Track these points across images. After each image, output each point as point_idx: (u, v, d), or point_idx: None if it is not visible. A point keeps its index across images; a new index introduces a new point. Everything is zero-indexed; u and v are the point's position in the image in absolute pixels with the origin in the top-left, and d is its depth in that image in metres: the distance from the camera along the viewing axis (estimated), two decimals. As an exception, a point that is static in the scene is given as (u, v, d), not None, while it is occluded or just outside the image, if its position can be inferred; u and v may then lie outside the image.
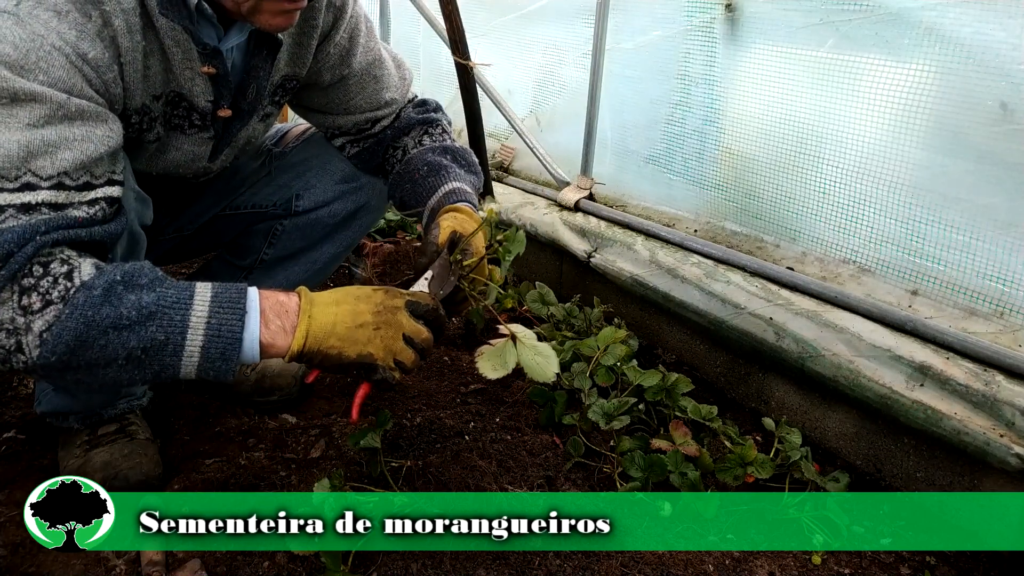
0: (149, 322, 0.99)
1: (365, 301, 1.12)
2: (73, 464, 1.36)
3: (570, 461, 1.47)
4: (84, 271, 0.98)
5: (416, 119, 1.53)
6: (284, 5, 1.12)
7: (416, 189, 1.44)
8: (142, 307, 0.99)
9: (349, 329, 1.10)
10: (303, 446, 1.52)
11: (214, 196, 1.59)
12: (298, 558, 1.18)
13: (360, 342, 1.10)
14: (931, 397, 1.36)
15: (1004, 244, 1.36)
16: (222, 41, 1.20)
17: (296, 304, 1.09)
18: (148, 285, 1.01)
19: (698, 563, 1.24)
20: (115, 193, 1.07)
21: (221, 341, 1.03)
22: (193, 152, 1.34)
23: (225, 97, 1.27)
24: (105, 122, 1.05)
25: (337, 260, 1.70)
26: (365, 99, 1.48)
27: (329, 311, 1.10)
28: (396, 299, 1.14)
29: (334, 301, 1.11)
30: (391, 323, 1.12)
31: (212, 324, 1.02)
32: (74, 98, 1.00)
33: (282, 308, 1.08)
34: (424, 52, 3.20)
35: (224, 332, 1.03)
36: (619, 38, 2.11)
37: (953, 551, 1.35)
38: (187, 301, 1.02)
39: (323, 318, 1.09)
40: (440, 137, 1.53)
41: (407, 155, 1.51)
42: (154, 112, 1.21)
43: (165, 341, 1.00)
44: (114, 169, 1.08)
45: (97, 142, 1.03)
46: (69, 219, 1.00)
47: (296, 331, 1.07)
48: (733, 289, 1.74)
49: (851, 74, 1.56)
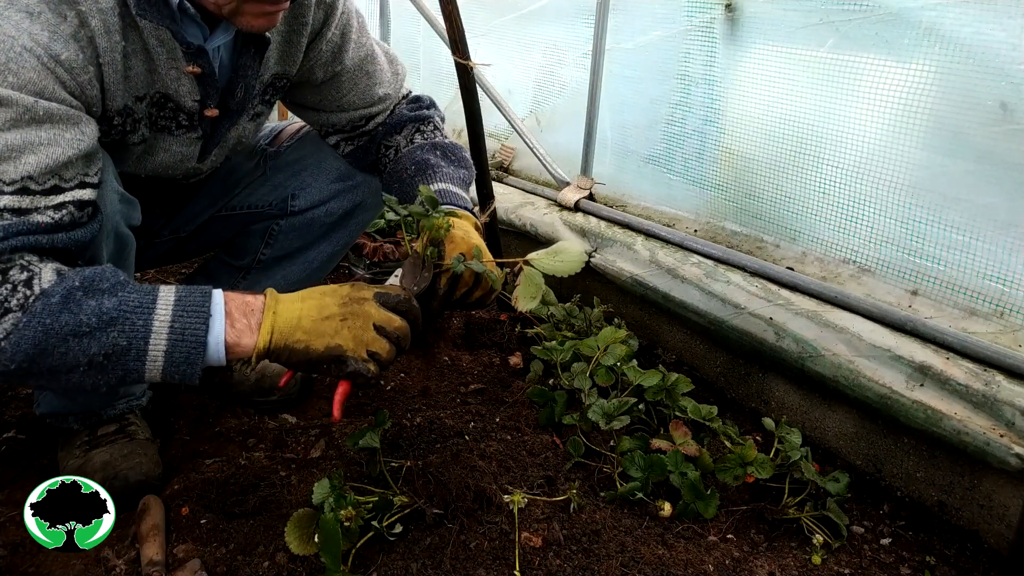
0: (110, 328, 0.98)
1: (331, 295, 1.12)
2: (73, 464, 1.36)
3: (570, 461, 1.47)
4: (44, 278, 0.97)
5: (408, 116, 1.52)
6: (266, 7, 1.11)
7: (404, 189, 1.43)
8: (103, 313, 0.98)
9: (315, 322, 1.09)
10: (303, 446, 1.52)
11: (210, 197, 1.59)
12: (298, 558, 1.18)
13: (327, 334, 1.08)
14: (931, 397, 1.36)
15: (1004, 244, 1.36)
16: (208, 40, 1.19)
17: (261, 302, 1.09)
18: (109, 290, 1.00)
19: (698, 563, 1.24)
20: (86, 196, 1.05)
21: (185, 345, 1.02)
22: (181, 153, 1.33)
23: (212, 97, 1.26)
24: (76, 125, 1.04)
25: (335, 259, 1.70)
26: (358, 95, 1.48)
27: (294, 306, 1.10)
28: (363, 291, 1.13)
29: (299, 297, 1.11)
30: (359, 314, 1.11)
31: (176, 328, 1.02)
32: (43, 101, 0.99)
33: (247, 307, 1.08)
34: (424, 52, 3.20)
35: (188, 336, 1.02)
36: (619, 38, 2.11)
37: (953, 551, 1.35)
38: (150, 305, 1.01)
39: (288, 313, 1.09)
40: (431, 134, 1.52)
41: (399, 154, 1.50)
42: (138, 114, 1.20)
43: (127, 346, 0.99)
44: (87, 172, 1.06)
45: (65, 145, 1.01)
46: (32, 224, 0.99)
47: (261, 328, 1.06)
48: (733, 289, 1.74)
49: (851, 74, 1.56)
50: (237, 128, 1.39)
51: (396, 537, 1.23)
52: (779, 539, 1.34)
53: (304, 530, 1.18)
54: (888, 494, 1.50)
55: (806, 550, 1.31)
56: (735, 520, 1.36)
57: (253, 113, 1.41)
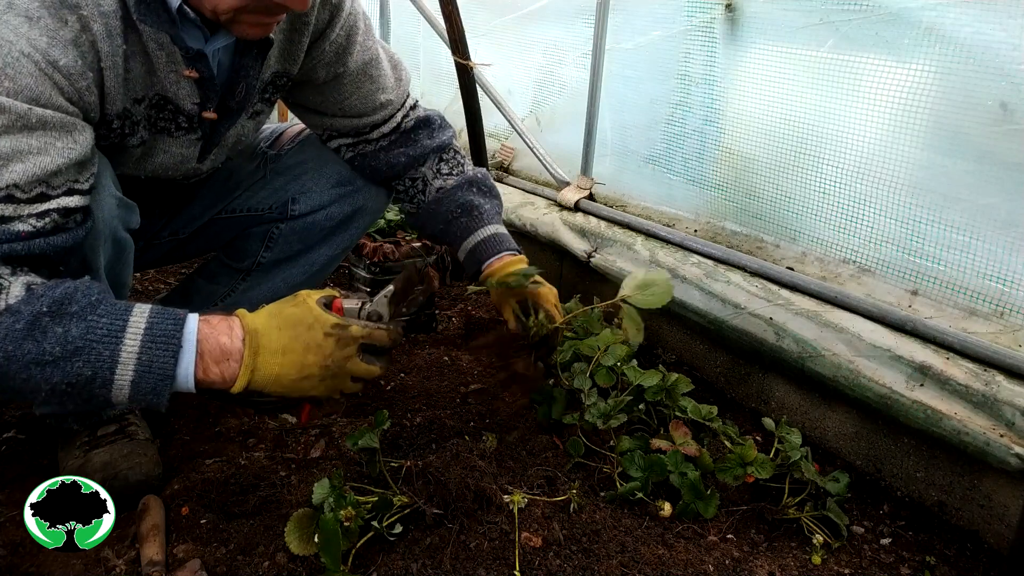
0: (75, 358, 0.97)
1: (315, 352, 1.10)
2: (73, 465, 1.36)
3: (570, 461, 1.47)
4: (13, 293, 0.96)
5: (430, 146, 1.57)
6: (262, 18, 1.11)
7: (451, 230, 1.55)
8: (68, 342, 0.96)
9: (294, 381, 1.09)
10: (303, 446, 1.52)
11: (209, 199, 1.58)
12: (298, 558, 1.18)
13: (304, 390, 1.11)
14: (931, 397, 1.36)
15: (1004, 244, 1.36)
16: (208, 43, 1.18)
17: (239, 351, 1.06)
18: (78, 314, 0.98)
19: (698, 563, 1.24)
20: (72, 203, 1.04)
21: (152, 377, 1.01)
22: (181, 154, 1.33)
23: (211, 100, 1.25)
24: (70, 132, 1.03)
25: (335, 261, 1.70)
26: (360, 99, 1.47)
27: (274, 362, 1.08)
28: (348, 348, 1.12)
29: (281, 349, 1.08)
30: (339, 373, 1.12)
31: (143, 360, 1.00)
32: (37, 108, 0.98)
33: (223, 354, 1.06)
34: (424, 52, 3.20)
35: (156, 368, 1.01)
36: (619, 38, 2.11)
37: (953, 551, 1.35)
38: (118, 334, 0.99)
39: (267, 369, 1.07)
40: (457, 164, 1.59)
41: (428, 186, 1.57)
42: (136, 116, 1.20)
43: (92, 376, 0.98)
44: (77, 178, 1.05)
45: (55, 154, 1.00)
46: (10, 233, 0.98)
47: (237, 380, 1.06)
48: (733, 289, 1.74)
49: (851, 74, 1.55)
50: (236, 127, 1.39)
51: (396, 537, 1.22)
52: (779, 539, 1.34)
53: (304, 530, 1.18)
54: (888, 494, 1.50)
55: (806, 550, 1.31)
56: (735, 520, 1.36)
57: (253, 111, 1.40)
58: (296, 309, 1.12)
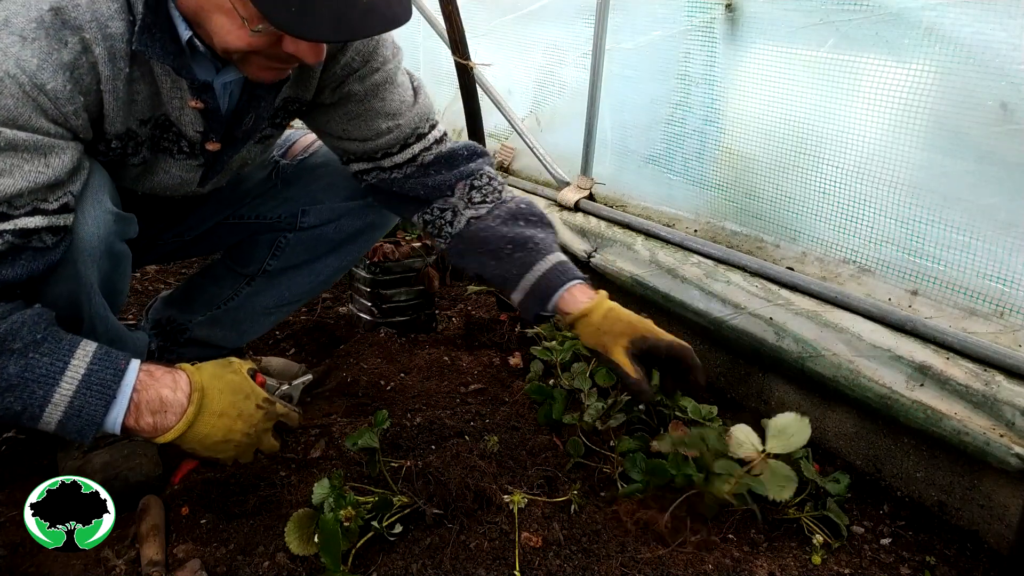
0: (7, 393, 1.00)
1: (245, 420, 1.19)
2: (72, 465, 1.36)
3: (570, 461, 1.47)
4: None
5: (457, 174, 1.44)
6: (274, 64, 1.10)
7: (504, 265, 1.40)
8: (3, 379, 1.00)
9: (216, 443, 1.16)
10: (303, 446, 1.52)
11: (217, 204, 1.58)
12: (298, 558, 1.18)
13: (218, 451, 1.18)
14: (931, 397, 1.36)
15: (1004, 244, 1.36)
16: (219, 75, 1.16)
17: (182, 405, 1.12)
18: (20, 351, 1.01)
19: (698, 563, 1.24)
20: (32, 224, 1.02)
21: (80, 421, 1.05)
22: (181, 177, 1.31)
23: (216, 130, 1.23)
24: (44, 155, 1.01)
25: (341, 272, 1.70)
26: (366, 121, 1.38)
27: (210, 423, 1.14)
28: (269, 422, 1.24)
29: (219, 412, 1.15)
30: (253, 444, 1.22)
31: (74, 405, 1.03)
32: (9, 130, 0.97)
33: (161, 406, 1.10)
34: (424, 52, 3.20)
35: (85, 414, 1.04)
36: (619, 38, 2.11)
37: (953, 551, 1.35)
38: (55, 376, 1.02)
39: (201, 427, 1.14)
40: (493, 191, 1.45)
41: (458, 216, 1.43)
42: (140, 136, 1.18)
43: (21, 411, 1.02)
44: (46, 198, 1.04)
45: (19, 177, 0.99)
46: None
47: (169, 432, 1.11)
48: (733, 289, 1.74)
49: (851, 74, 1.55)
50: (242, 153, 1.37)
51: (396, 537, 1.22)
52: (779, 539, 1.34)
53: (304, 530, 1.18)
54: (888, 494, 1.50)
55: (806, 550, 1.31)
56: (735, 520, 1.36)
57: (260, 136, 1.38)
58: (235, 377, 1.20)
